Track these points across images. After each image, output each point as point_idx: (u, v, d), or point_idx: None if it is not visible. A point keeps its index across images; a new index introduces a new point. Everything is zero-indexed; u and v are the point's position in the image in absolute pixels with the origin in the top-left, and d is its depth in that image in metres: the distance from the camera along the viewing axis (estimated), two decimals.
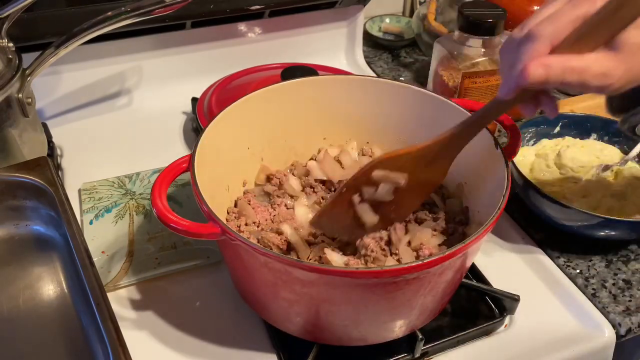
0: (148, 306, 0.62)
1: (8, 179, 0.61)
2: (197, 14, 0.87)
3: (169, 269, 0.65)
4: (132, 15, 0.68)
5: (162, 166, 0.57)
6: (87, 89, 0.90)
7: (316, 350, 0.56)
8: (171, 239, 0.68)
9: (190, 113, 0.91)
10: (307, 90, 0.67)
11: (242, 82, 0.89)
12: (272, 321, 0.57)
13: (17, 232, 0.63)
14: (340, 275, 0.47)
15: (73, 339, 0.55)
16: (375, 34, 1.10)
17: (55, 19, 0.77)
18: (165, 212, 0.50)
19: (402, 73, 1.05)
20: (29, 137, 0.70)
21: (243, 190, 0.66)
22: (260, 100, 0.65)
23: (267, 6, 0.90)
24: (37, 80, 0.71)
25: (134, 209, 0.72)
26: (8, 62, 0.66)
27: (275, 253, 0.47)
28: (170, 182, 0.53)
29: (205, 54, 0.95)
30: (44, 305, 0.58)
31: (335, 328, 0.54)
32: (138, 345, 0.57)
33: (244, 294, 0.59)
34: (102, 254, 0.66)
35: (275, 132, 0.68)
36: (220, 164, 0.62)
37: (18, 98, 0.67)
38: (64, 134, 0.85)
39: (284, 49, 0.99)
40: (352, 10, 1.01)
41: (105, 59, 0.89)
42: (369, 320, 0.52)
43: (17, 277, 0.60)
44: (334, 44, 1.04)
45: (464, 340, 0.60)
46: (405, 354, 0.58)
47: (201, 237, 0.49)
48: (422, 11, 1.03)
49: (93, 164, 0.81)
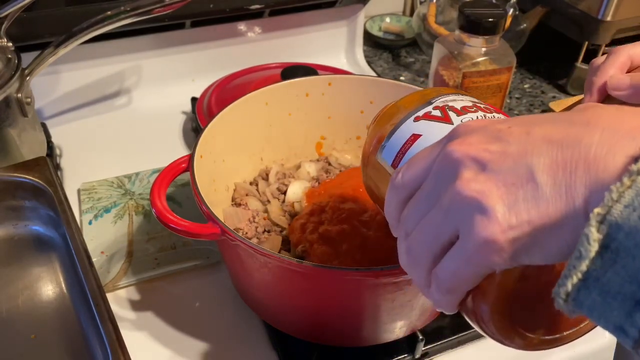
0: (147, 306, 0.62)
1: (7, 179, 0.60)
2: (197, 14, 0.87)
3: (168, 270, 0.65)
4: (131, 14, 0.68)
5: (162, 166, 0.57)
6: (87, 89, 0.90)
7: (318, 352, 0.56)
8: (171, 239, 0.68)
9: (189, 113, 0.91)
10: (307, 90, 0.67)
11: (242, 82, 0.88)
12: (272, 321, 0.57)
13: (16, 232, 0.63)
14: (341, 276, 0.46)
15: (72, 340, 0.55)
16: (376, 33, 1.10)
17: (55, 18, 0.77)
18: (165, 212, 0.49)
19: (403, 73, 1.05)
20: (28, 137, 0.70)
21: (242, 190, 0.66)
22: (260, 100, 0.64)
23: (267, 5, 0.90)
24: (36, 80, 0.71)
25: (134, 209, 0.72)
26: (7, 62, 0.66)
27: (275, 253, 0.47)
28: (169, 182, 0.53)
29: (205, 53, 0.94)
30: (43, 306, 0.58)
31: (335, 329, 0.54)
32: (137, 345, 0.57)
33: (243, 294, 0.59)
34: (101, 255, 0.66)
35: (275, 132, 0.68)
36: (220, 164, 0.62)
37: (17, 98, 0.67)
38: (63, 133, 0.85)
39: (284, 49, 0.99)
40: (352, 9, 1.01)
41: (105, 59, 0.89)
42: (369, 320, 0.52)
43: (16, 278, 0.60)
44: (334, 44, 1.04)
45: (465, 340, 0.60)
46: (406, 355, 0.58)
47: (200, 238, 0.49)
48: (422, 11, 1.03)
49: (92, 163, 0.81)
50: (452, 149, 0.29)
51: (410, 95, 0.44)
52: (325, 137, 0.71)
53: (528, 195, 0.26)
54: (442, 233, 0.29)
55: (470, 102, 0.41)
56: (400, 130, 0.41)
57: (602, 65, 0.43)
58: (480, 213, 0.27)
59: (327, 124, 0.70)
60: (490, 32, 0.76)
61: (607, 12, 0.89)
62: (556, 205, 0.25)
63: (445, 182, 0.29)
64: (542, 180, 0.26)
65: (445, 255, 0.29)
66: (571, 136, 0.26)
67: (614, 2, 0.88)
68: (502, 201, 0.26)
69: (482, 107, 0.41)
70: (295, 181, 0.66)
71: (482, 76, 0.78)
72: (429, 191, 0.30)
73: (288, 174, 0.68)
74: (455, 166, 0.28)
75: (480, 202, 0.27)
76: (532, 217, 0.26)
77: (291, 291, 0.50)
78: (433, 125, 0.40)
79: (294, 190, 0.64)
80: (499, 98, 0.81)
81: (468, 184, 0.27)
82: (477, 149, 0.28)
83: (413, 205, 0.31)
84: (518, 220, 0.26)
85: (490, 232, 0.26)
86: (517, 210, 0.26)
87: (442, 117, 0.40)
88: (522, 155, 0.27)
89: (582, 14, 0.92)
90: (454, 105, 0.40)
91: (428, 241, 0.30)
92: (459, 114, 0.39)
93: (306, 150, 0.71)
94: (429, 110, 0.41)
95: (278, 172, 0.68)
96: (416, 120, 0.41)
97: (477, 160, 0.28)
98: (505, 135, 0.28)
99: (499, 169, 0.27)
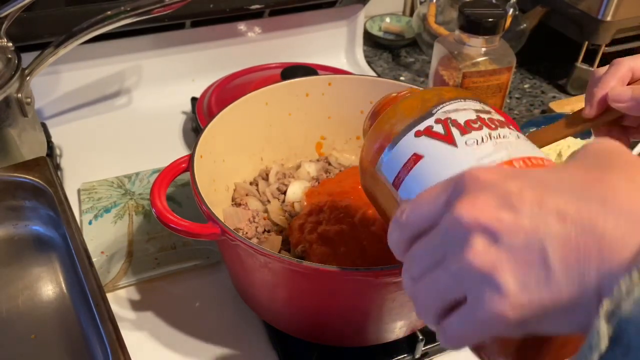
0: (147, 306, 0.62)
1: (7, 179, 0.60)
2: (197, 14, 0.87)
3: (168, 270, 0.65)
4: (131, 14, 0.68)
5: (162, 166, 0.57)
6: (87, 89, 0.90)
7: (318, 352, 0.56)
8: (171, 239, 0.68)
9: (189, 113, 0.91)
10: (307, 90, 0.67)
11: (242, 82, 0.88)
12: (272, 322, 0.57)
13: (16, 232, 0.62)
14: (341, 276, 0.46)
15: (72, 340, 0.55)
16: (376, 33, 1.10)
17: (55, 18, 0.77)
18: (165, 212, 0.49)
19: (403, 73, 1.05)
20: (28, 137, 0.70)
21: (242, 190, 0.66)
22: (260, 100, 0.64)
23: (266, 5, 0.90)
24: (36, 80, 0.71)
25: (134, 209, 0.72)
26: (7, 62, 0.66)
27: (275, 253, 0.47)
28: (169, 182, 0.53)
29: (205, 53, 0.94)
30: (43, 306, 0.58)
31: (335, 329, 0.54)
32: (137, 345, 0.57)
33: (243, 294, 0.59)
34: (101, 254, 0.66)
35: (275, 132, 0.68)
36: (220, 164, 0.62)
37: (17, 98, 0.67)
38: (63, 133, 0.85)
39: (284, 49, 0.99)
40: (352, 9, 1.01)
41: (105, 59, 0.89)
42: (369, 320, 0.52)
43: (16, 278, 0.60)
44: (334, 44, 1.04)
45: None
46: (406, 355, 0.58)
47: (201, 238, 0.49)
48: (422, 10, 1.03)
49: (92, 163, 0.81)
50: (460, 213, 0.28)
51: (410, 100, 0.43)
52: (325, 137, 0.71)
53: (540, 277, 0.26)
54: (449, 294, 0.29)
55: (473, 113, 0.40)
56: (401, 146, 0.40)
57: (604, 77, 0.42)
58: (491, 288, 0.26)
59: (327, 124, 0.70)
60: (490, 32, 0.76)
61: (607, 12, 0.89)
62: (568, 289, 0.25)
63: (454, 246, 0.28)
64: (555, 265, 0.25)
65: (453, 313, 0.29)
66: (585, 218, 0.25)
67: (614, 2, 0.88)
68: (514, 279, 0.26)
69: (486, 121, 0.39)
70: (295, 181, 0.66)
71: (482, 76, 0.78)
72: (434, 245, 0.30)
73: (288, 174, 0.68)
74: (465, 233, 0.28)
75: (492, 276, 0.26)
76: (544, 298, 0.26)
77: (291, 291, 0.50)
78: (435, 145, 0.38)
79: (294, 190, 0.64)
80: (499, 98, 0.81)
81: (479, 255, 0.27)
82: (488, 217, 0.27)
83: (418, 253, 0.31)
84: (529, 299, 0.26)
85: (501, 309, 0.26)
86: (529, 290, 0.26)
87: (444, 135, 0.38)
88: (534, 230, 0.26)
89: (582, 14, 0.92)
90: (456, 119, 0.39)
91: (434, 297, 0.30)
92: (462, 131, 0.38)
93: (306, 150, 0.71)
94: (431, 125, 0.39)
95: (278, 172, 0.68)
96: (417, 135, 0.40)
97: (489, 230, 0.27)
98: (517, 203, 0.27)
99: (511, 243, 0.26)
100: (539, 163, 0.36)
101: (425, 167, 0.38)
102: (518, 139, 0.39)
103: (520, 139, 0.39)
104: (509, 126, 0.40)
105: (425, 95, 0.43)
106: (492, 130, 0.38)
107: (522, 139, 0.39)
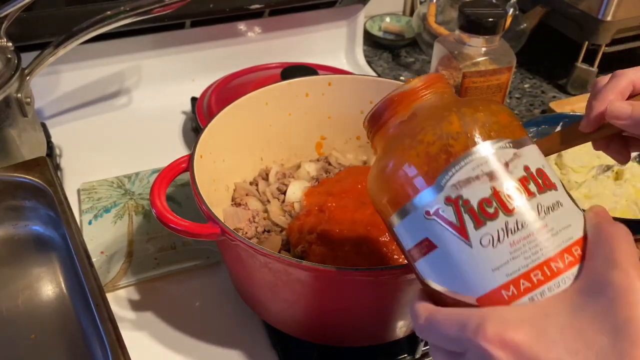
0: (147, 307, 0.62)
1: (7, 179, 0.60)
2: (197, 13, 0.87)
3: (168, 270, 0.65)
4: (131, 14, 0.68)
5: (162, 166, 0.57)
6: (87, 89, 0.90)
7: (318, 352, 0.56)
8: (170, 239, 0.67)
9: (189, 113, 0.91)
10: (307, 90, 0.67)
11: (242, 82, 0.88)
12: (272, 322, 0.57)
13: (16, 232, 0.62)
14: (341, 276, 0.46)
15: (72, 340, 0.55)
16: (376, 33, 1.10)
17: (54, 18, 0.77)
18: (165, 212, 0.49)
19: (403, 72, 1.05)
20: (28, 137, 0.70)
21: (242, 190, 0.66)
22: (260, 100, 0.64)
23: (266, 5, 0.90)
24: (36, 80, 0.70)
25: (133, 209, 0.72)
26: (7, 62, 0.66)
27: (275, 253, 0.47)
28: (169, 182, 0.53)
29: (205, 53, 0.94)
30: (43, 306, 0.58)
31: (335, 329, 0.54)
32: (137, 345, 0.57)
33: (243, 294, 0.59)
34: (101, 254, 0.66)
35: (275, 132, 0.68)
36: (220, 164, 0.62)
37: (17, 98, 0.67)
38: (63, 133, 0.85)
39: (283, 49, 0.99)
40: (352, 9, 1.01)
41: (105, 59, 0.89)
42: (369, 321, 0.52)
43: (16, 278, 0.60)
44: (334, 44, 1.04)
45: None
46: (406, 355, 0.58)
47: (200, 238, 0.49)
48: (422, 10, 1.03)
49: (92, 163, 0.81)
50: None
51: (419, 147, 0.36)
52: (325, 137, 0.71)
53: None
54: None
55: (488, 186, 0.34)
56: (411, 221, 0.36)
57: (604, 89, 0.41)
58: None
59: (327, 124, 0.70)
60: (490, 32, 0.76)
61: (607, 12, 0.89)
62: None
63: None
64: None
65: None
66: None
67: (614, 2, 0.88)
68: None
69: (503, 198, 0.34)
70: (295, 181, 0.66)
71: (482, 76, 0.78)
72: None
73: (288, 174, 0.68)
74: None
75: None
76: None
77: (291, 291, 0.50)
78: (449, 238, 0.35)
79: (294, 190, 0.64)
80: (499, 98, 0.81)
81: None
82: None
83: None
84: None
85: None
86: None
87: (457, 226, 0.35)
88: None
89: (582, 14, 0.92)
90: (468, 199, 0.34)
91: None
92: (477, 223, 0.34)
93: (306, 150, 0.71)
94: (440, 207, 0.35)
95: (278, 172, 0.68)
96: (427, 216, 0.35)
97: None
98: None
99: None
100: (570, 261, 0.34)
101: (440, 260, 0.35)
102: (544, 217, 0.34)
103: (548, 215, 0.34)
104: (546, 189, 0.35)
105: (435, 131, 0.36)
106: (509, 216, 0.34)
107: (550, 217, 0.35)
